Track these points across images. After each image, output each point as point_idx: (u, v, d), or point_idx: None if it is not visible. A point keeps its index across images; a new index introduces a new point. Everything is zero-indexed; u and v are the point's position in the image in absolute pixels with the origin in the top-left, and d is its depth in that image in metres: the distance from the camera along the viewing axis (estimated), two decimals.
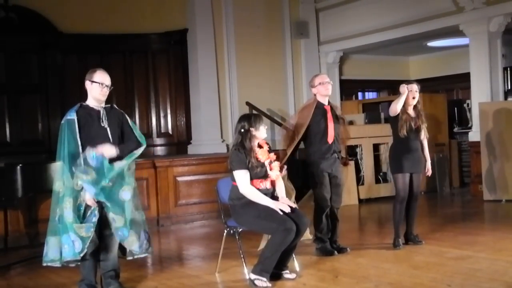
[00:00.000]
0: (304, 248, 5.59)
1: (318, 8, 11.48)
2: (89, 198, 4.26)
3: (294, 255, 4.93)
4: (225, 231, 5.04)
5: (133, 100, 10.46)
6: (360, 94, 13.73)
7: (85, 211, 4.30)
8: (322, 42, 11.56)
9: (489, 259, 5.17)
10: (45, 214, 5.64)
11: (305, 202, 5.72)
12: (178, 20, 10.42)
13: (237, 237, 4.96)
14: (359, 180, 9.50)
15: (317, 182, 5.57)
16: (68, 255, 4.24)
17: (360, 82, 13.32)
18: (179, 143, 10.58)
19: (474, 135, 9.31)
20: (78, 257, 4.25)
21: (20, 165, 6.01)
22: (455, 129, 11.28)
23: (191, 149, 10.33)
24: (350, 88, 13.12)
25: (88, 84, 4.49)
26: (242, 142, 4.70)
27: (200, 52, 10.23)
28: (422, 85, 6.05)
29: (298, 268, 5.01)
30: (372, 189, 9.61)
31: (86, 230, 4.24)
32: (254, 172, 4.65)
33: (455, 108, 11.58)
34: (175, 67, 10.58)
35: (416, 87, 5.80)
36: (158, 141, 10.62)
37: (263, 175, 4.72)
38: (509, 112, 8.68)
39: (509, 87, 11.02)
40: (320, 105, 5.66)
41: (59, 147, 4.37)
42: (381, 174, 9.82)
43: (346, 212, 8.66)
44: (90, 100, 4.51)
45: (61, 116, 10.93)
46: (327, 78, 5.74)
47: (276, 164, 4.84)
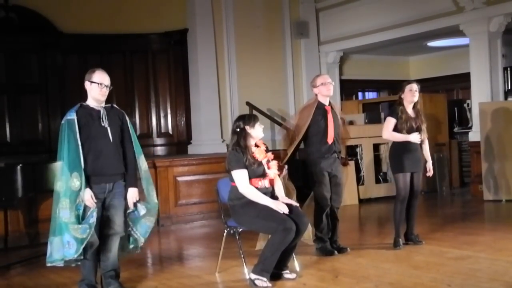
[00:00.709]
0: (304, 248, 5.59)
1: (318, 8, 11.49)
2: (88, 199, 4.27)
3: (294, 255, 4.93)
4: (225, 231, 5.04)
5: (133, 100, 10.46)
6: (360, 94, 13.73)
7: (84, 211, 4.30)
8: (322, 42, 11.56)
9: (489, 259, 5.17)
10: (45, 214, 5.66)
11: (306, 207, 5.70)
12: (178, 20, 10.42)
13: (237, 237, 4.96)
14: (359, 180, 9.50)
15: (316, 181, 5.57)
16: (68, 254, 4.25)
17: (360, 82, 13.31)
18: (179, 143, 10.58)
19: (474, 135, 9.31)
20: (75, 257, 4.25)
21: (20, 165, 6.01)
22: (455, 129, 11.28)
23: (191, 149, 10.33)
24: (350, 88, 13.12)
25: (87, 85, 4.49)
26: (238, 142, 4.71)
27: (200, 52, 10.24)
28: (422, 85, 6.06)
29: (298, 268, 5.01)
30: (372, 189, 9.61)
31: (82, 232, 4.23)
32: (252, 169, 4.65)
33: (455, 108, 11.58)
34: (175, 67, 10.58)
35: (416, 87, 5.81)
36: (158, 141, 10.62)
37: (261, 173, 4.72)
38: (509, 112, 8.68)
39: (509, 87, 11.01)
40: (321, 105, 5.65)
41: (60, 147, 4.38)
42: (381, 174, 9.82)
43: (346, 212, 8.66)
44: (90, 100, 4.51)
45: (61, 116, 10.90)
46: (329, 79, 5.72)
47: (274, 163, 4.84)
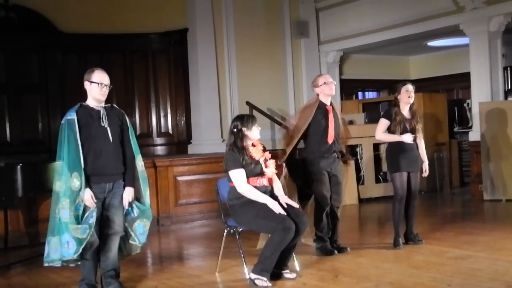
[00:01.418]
0: (304, 247, 5.60)
1: (318, 7, 11.49)
2: (88, 199, 4.27)
3: (294, 255, 4.93)
4: (225, 230, 5.04)
5: (133, 100, 10.47)
6: (360, 94, 13.73)
7: (84, 211, 4.30)
8: (322, 42, 11.56)
9: (489, 259, 5.17)
10: (45, 214, 5.64)
11: (310, 206, 5.70)
12: (178, 20, 10.42)
13: (237, 236, 4.96)
14: (359, 179, 9.50)
15: (316, 180, 5.56)
16: (67, 254, 4.25)
17: (360, 82, 13.31)
18: (179, 143, 10.58)
19: (474, 135, 9.31)
20: (74, 257, 4.25)
21: (20, 164, 6.01)
22: (455, 129, 11.28)
23: (191, 149, 10.34)
24: (350, 88, 13.12)
25: (87, 85, 4.48)
26: (235, 142, 4.71)
27: (200, 52, 10.24)
28: (422, 85, 6.09)
29: (298, 268, 5.01)
30: (372, 189, 9.61)
31: (82, 232, 4.23)
32: (249, 169, 4.65)
33: (455, 108, 11.57)
34: (175, 67, 10.58)
35: (411, 88, 5.80)
36: (158, 140, 10.63)
37: (258, 172, 4.72)
38: (509, 111, 8.67)
39: (509, 87, 11.01)
40: (322, 105, 5.65)
41: (59, 147, 4.38)
42: (381, 173, 9.82)
43: (346, 212, 8.64)
44: (90, 100, 4.50)
45: (61, 116, 10.89)
46: (331, 78, 5.72)
47: (271, 161, 4.84)
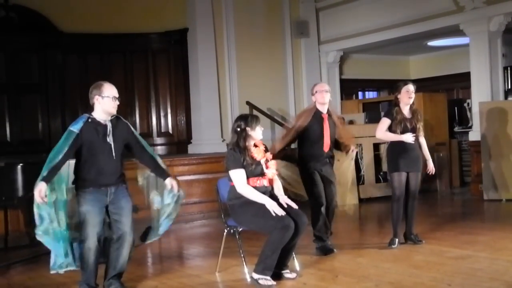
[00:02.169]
0: (304, 247, 5.60)
1: (318, 7, 11.48)
2: (38, 190, 4.15)
3: (294, 255, 4.93)
4: (225, 230, 5.04)
5: (133, 100, 10.46)
6: (360, 94, 13.72)
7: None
8: (322, 42, 11.56)
9: (489, 259, 5.17)
10: None
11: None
12: (178, 19, 10.42)
13: (237, 236, 4.96)
14: (360, 179, 9.50)
15: (309, 180, 5.60)
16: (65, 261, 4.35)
17: (360, 82, 13.30)
18: (179, 143, 10.58)
19: (474, 135, 9.31)
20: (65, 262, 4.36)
21: (21, 164, 6.01)
22: (456, 129, 11.28)
23: (191, 149, 10.34)
24: (350, 88, 13.11)
25: (98, 99, 4.43)
26: (238, 142, 4.71)
27: (200, 52, 10.24)
28: (422, 85, 6.09)
29: (298, 268, 5.01)
30: (372, 189, 9.61)
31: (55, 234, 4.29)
32: (250, 170, 4.66)
33: (456, 108, 11.57)
34: (175, 67, 10.58)
35: (412, 88, 5.80)
36: (159, 140, 10.63)
37: (259, 173, 4.72)
38: (510, 111, 8.67)
39: (509, 87, 11.00)
40: (318, 112, 5.69)
41: (55, 147, 4.35)
42: (381, 173, 9.82)
43: (346, 212, 8.67)
44: (99, 113, 4.46)
45: (62, 116, 10.90)
46: (326, 87, 5.75)
47: (272, 162, 4.85)
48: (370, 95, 13.93)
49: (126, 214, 4.50)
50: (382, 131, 5.87)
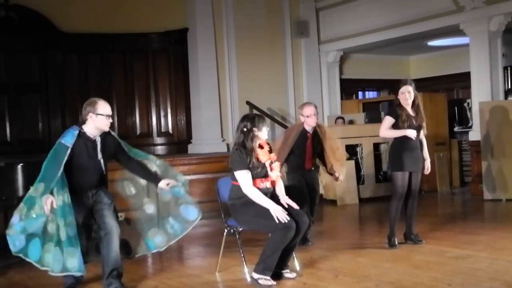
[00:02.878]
0: (304, 247, 5.59)
1: (319, 7, 11.49)
2: (47, 203, 4.29)
3: (294, 254, 4.93)
4: (226, 230, 5.04)
5: (133, 100, 10.47)
6: (360, 94, 13.72)
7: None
8: (322, 42, 11.56)
9: (489, 259, 5.17)
10: None
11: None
12: (178, 19, 10.42)
13: (237, 236, 4.96)
14: (360, 179, 9.50)
15: (292, 183, 5.80)
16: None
17: (361, 82, 13.30)
18: (179, 143, 10.58)
19: (474, 135, 9.31)
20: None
21: (21, 164, 6.01)
22: (456, 129, 11.28)
23: (192, 149, 10.34)
24: (351, 88, 13.11)
25: (91, 116, 4.50)
26: (244, 142, 4.70)
27: (200, 52, 10.24)
28: (422, 85, 6.08)
29: (298, 268, 5.01)
30: (372, 188, 9.61)
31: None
32: (255, 172, 4.66)
33: (456, 108, 11.58)
34: (175, 67, 10.58)
35: (411, 88, 5.78)
36: (159, 140, 10.63)
37: (263, 175, 4.73)
38: (509, 111, 8.67)
39: (509, 87, 11.00)
40: (304, 131, 5.94)
41: (46, 161, 4.43)
42: (381, 173, 9.82)
43: (346, 212, 8.67)
44: (90, 128, 4.53)
45: (62, 115, 10.88)
46: (314, 110, 5.92)
47: (276, 164, 4.87)
48: (370, 95, 13.94)
49: (109, 209, 4.61)
50: (385, 129, 5.87)
